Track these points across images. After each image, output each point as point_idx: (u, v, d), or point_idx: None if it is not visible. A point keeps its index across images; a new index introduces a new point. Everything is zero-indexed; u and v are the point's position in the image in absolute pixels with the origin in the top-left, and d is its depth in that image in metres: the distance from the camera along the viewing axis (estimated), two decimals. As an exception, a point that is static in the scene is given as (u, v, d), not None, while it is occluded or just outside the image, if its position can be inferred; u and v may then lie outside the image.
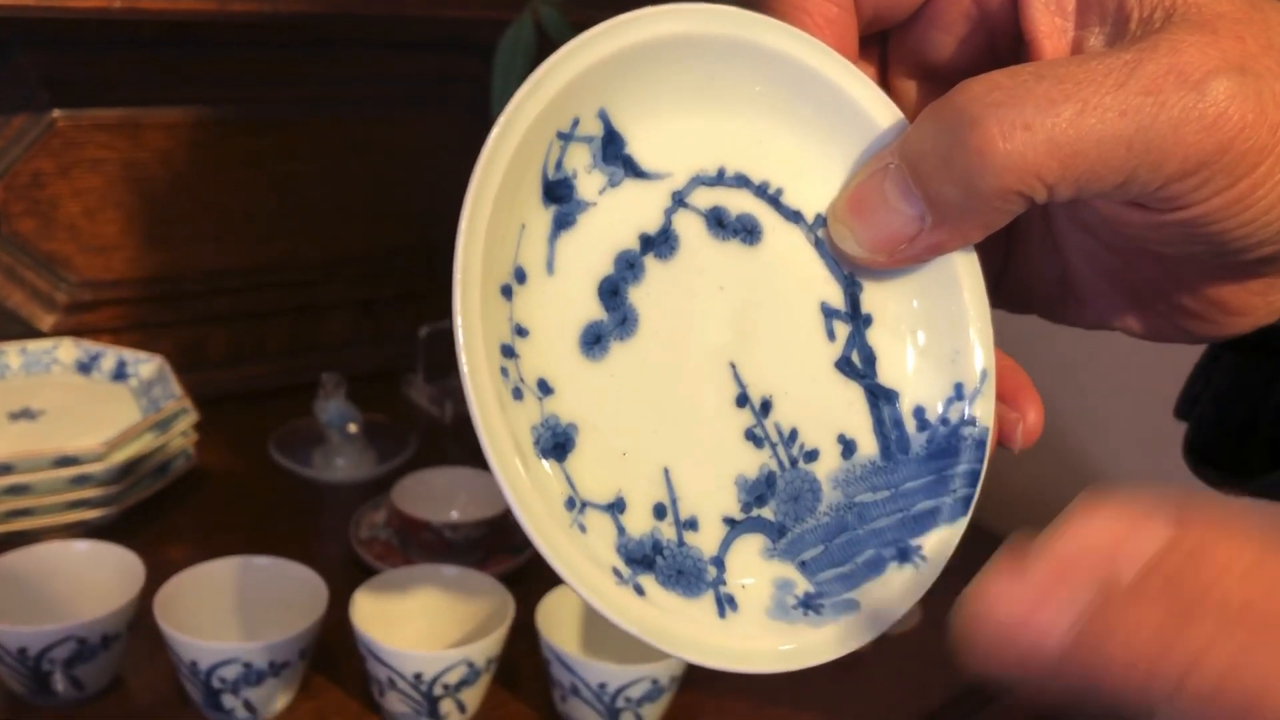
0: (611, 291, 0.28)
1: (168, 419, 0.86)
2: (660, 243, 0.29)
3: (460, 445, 1.03)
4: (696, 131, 0.29)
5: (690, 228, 0.29)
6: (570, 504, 0.27)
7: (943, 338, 0.31)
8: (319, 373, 0.97)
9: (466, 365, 0.25)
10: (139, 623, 0.66)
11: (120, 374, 0.94)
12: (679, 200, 0.29)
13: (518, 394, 0.27)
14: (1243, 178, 0.25)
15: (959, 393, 0.30)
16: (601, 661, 0.63)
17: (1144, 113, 0.24)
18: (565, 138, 0.28)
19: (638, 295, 0.29)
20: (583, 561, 0.26)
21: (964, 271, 0.30)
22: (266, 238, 1.07)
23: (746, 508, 0.29)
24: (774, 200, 0.30)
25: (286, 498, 0.91)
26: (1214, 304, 0.30)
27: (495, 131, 0.26)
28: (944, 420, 0.30)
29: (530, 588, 0.71)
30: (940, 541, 0.30)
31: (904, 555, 0.30)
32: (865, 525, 0.30)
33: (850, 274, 0.30)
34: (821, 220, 0.30)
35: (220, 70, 0.99)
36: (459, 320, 0.25)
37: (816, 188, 0.30)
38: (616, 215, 0.28)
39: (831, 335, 0.30)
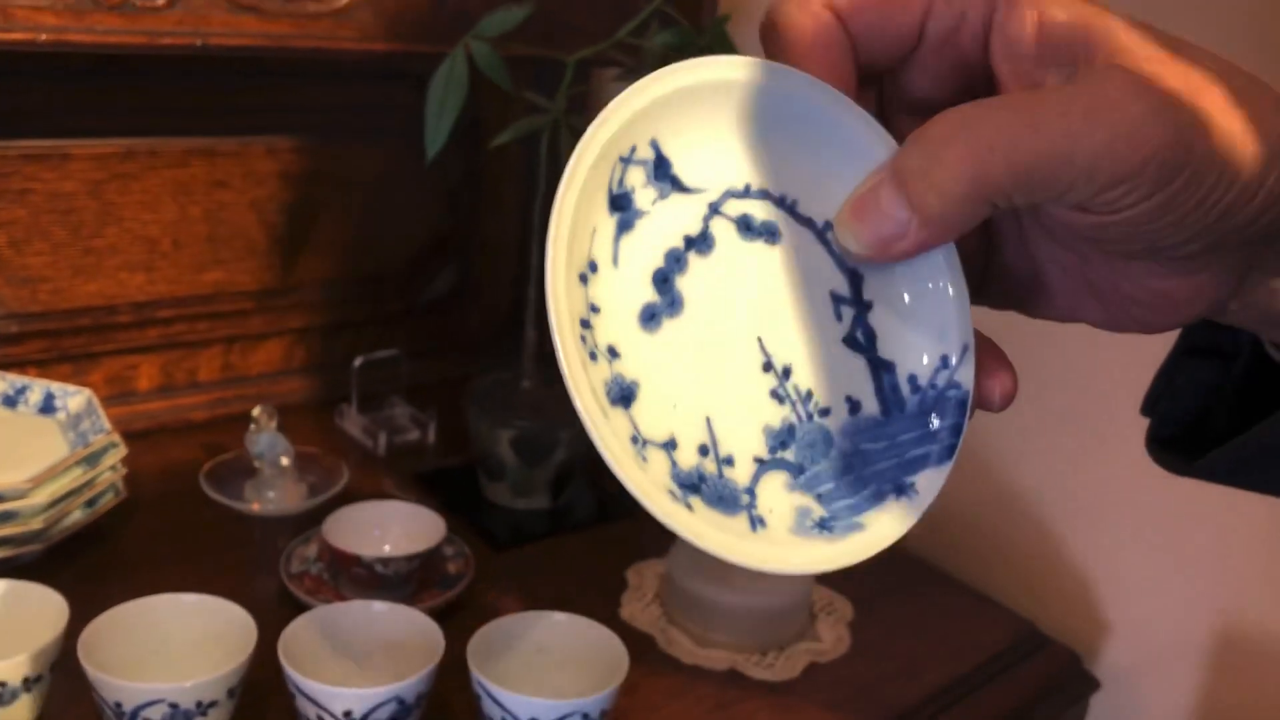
0: (663, 280, 0.35)
1: (96, 453, 0.85)
2: (700, 242, 0.36)
3: (393, 477, 1.03)
4: (728, 155, 0.36)
5: (724, 231, 0.36)
6: (635, 440, 0.34)
7: (930, 317, 0.37)
8: (251, 403, 0.96)
9: (557, 334, 0.32)
10: (63, 663, 0.65)
11: (48, 407, 0.92)
12: (714, 209, 0.36)
13: (593, 357, 0.33)
14: (1163, 187, 0.31)
15: (945, 363, 0.37)
16: (532, 696, 0.64)
17: (1082, 135, 0.30)
18: (625, 161, 0.35)
19: (683, 283, 0.36)
20: (646, 483, 0.33)
21: (946, 264, 0.37)
22: (198, 268, 1.06)
23: (772, 450, 0.36)
24: (790, 209, 0.37)
25: (217, 532, 0.91)
26: (1161, 295, 0.36)
27: (574, 158, 0.33)
28: (933, 385, 0.37)
29: (461, 623, 0.71)
30: (930, 480, 0.36)
31: (900, 490, 0.36)
32: (868, 468, 0.37)
33: (854, 268, 0.37)
34: (829, 225, 0.37)
35: (150, 100, 0.98)
36: (550, 301, 0.32)
37: (825, 198, 0.37)
38: (666, 221, 0.36)
39: (839, 317, 0.37)
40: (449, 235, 1.22)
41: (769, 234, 0.37)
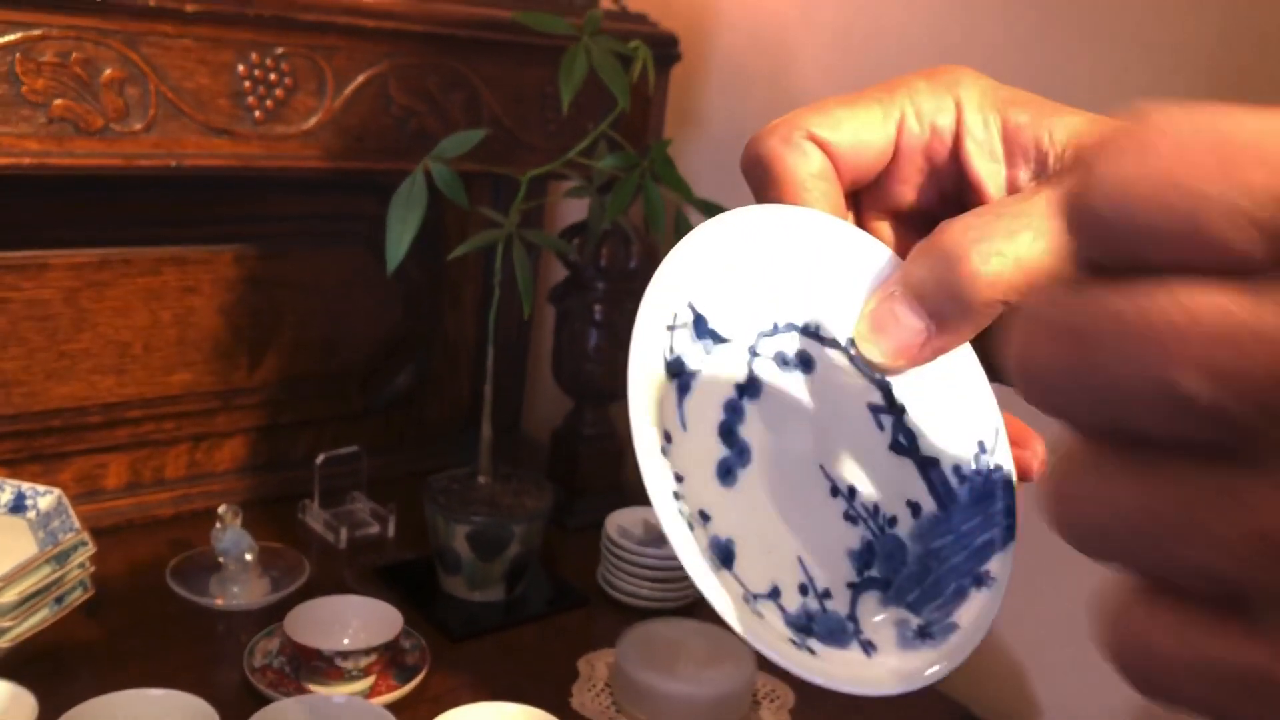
0: (728, 432, 0.37)
1: (65, 551, 0.88)
2: (749, 388, 0.38)
3: (354, 571, 1.06)
4: (753, 298, 0.38)
5: (766, 370, 0.38)
6: (746, 599, 0.35)
7: (959, 409, 0.39)
8: (217, 500, 1.00)
9: (660, 513, 0.33)
10: (33, 758, 0.68)
11: (18, 507, 0.95)
12: (753, 353, 0.38)
13: (690, 525, 0.34)
14: None
15: (983, 448, 0.39)
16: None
17: None
18: (671, 329, 0.37)
19: (745, 431, 0.37)
20: (771, 638, 0.34)
21: (964, 359, 0.39)
22: (166, 370, 1.10)
23: (859, 572, 0.37)
24: (815, 334, 0.39)
25: (182, 626, 0.94)
26: None
27: (632, 346, 0.35)
28: (977, 472, 0.39)
29: (417, 714, 0.75)
30: (1001, 563, 0.38)
31: (979, 581, 0.37)
32: (943, 565, 0.38)
33: (881, 378, 0.39)
34: (851, 341, 0.38)
35: (124, 213, 1.04)
36: (649, 483, 0.33)
37: (843, 318, 0.39)
38: (716, 375, 0.37)
39: (880, 426, 0.39)
40: (409, 335, 1.27)
41: (804, 363, 0.38)
